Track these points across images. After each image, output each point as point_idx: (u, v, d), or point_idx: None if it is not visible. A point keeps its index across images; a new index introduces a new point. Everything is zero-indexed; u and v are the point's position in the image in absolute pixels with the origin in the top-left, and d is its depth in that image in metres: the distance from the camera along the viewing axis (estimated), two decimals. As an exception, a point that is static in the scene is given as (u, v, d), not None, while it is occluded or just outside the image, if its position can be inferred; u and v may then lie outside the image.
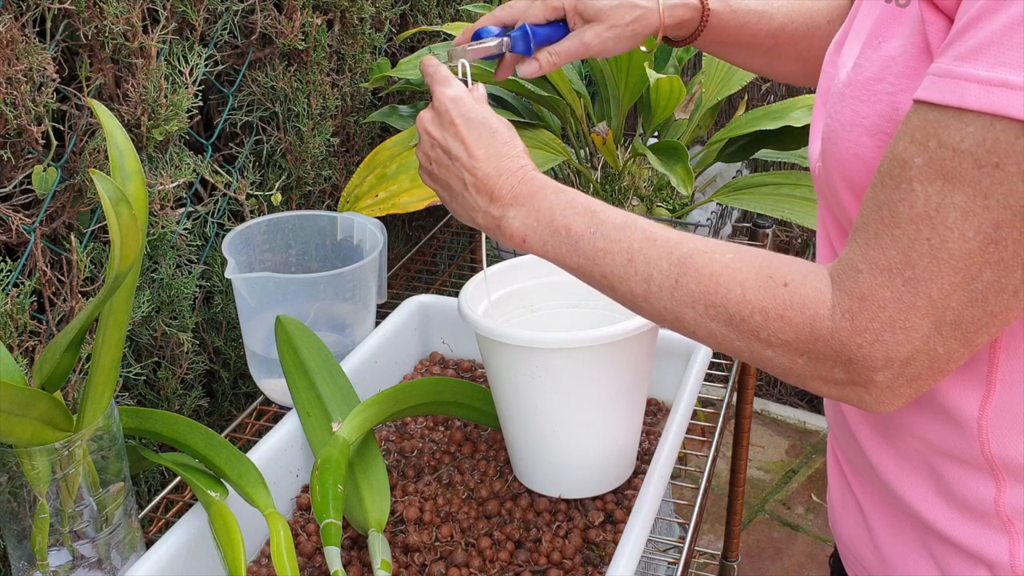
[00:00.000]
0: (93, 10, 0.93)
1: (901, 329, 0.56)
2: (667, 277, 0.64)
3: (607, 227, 0.67)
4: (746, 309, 0.61)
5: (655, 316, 0.66)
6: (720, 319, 0.62)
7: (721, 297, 0.62)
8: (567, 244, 0.69)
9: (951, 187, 0.53)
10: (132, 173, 0.76)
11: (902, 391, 0.59)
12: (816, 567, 2.16)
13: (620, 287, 0.67)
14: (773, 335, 0.60)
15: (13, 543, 0.78)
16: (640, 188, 1.43)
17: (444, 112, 0.74)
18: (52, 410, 0.73)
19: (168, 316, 1.09)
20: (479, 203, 0.73)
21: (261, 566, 0.89)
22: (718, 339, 0.63)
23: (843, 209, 0.66)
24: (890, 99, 0.61)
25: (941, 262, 0.54)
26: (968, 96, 0.52)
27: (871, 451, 0.72)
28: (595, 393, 0.88)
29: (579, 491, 0.94)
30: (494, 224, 0.72)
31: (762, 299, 0.60)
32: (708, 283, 0.62)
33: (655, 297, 0.65)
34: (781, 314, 0.60)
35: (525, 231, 0.70)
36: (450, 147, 0.74)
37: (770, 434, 2.59)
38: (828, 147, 0.65)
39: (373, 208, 1.28)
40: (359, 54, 1.36)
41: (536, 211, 0.70)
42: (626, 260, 0.66)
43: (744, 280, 0.61)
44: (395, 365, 1.14)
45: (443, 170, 0.74)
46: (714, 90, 1.43)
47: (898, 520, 0.72)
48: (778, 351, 0.61)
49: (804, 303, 0.59)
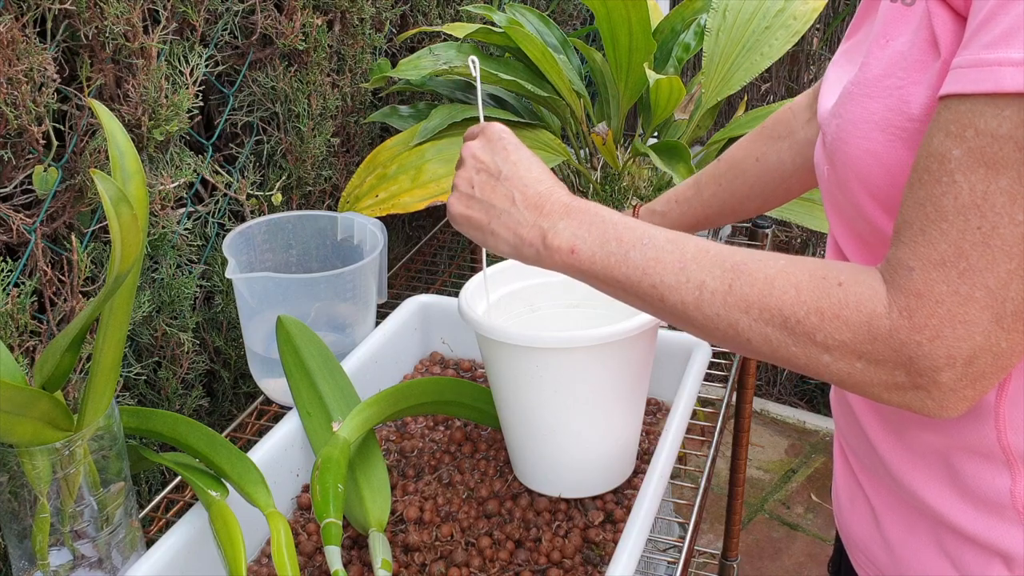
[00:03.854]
0: (93, 10, 0.93)
1: (961, 324, 0.55)
2: (720, 283, 0.63)
3: (658, 240, 0.67)
4: (801, 310, 0.60)
5: (707, 324, 0.64)
6: (775, 323, 0.61)
7: (776, 299, 0.61)
8: (617, 255, 0.68)
9: (994, 173, 0.53)
10: (133, 173, 0.76)
11: (966, 393, 0.57)
12: (816, 567, 2.16)
13: (670, 296, 0.65)
14: (830, 336, 0.59)
15: (14, 542, 0.78)
16: (640, 188, 1.44)
17: (497, 139, 0.76)
18: (53, 410, 0.73)
19: (169, 316, 1.10)
20: (526, 217, 0.72)
21: (261, 566, 0.89)
22: (774, 345, 0.62)
23: (859, 211, 0.66)
24: (899, 93, 0.61)
25: (994, 249, 0.53)
26: (1004, 80, 0.52)
27: (882, 447, 0.72)
28: (595, 393, 0.88)
29: (579, 491, 0.94)
30: (539, 236, 0.71)
31: (817, 299, 0.59)
32: (763, 286, 0.61)
33: (707, 304, 0.63)
34: (837, 313, 0.58)
35: (574, 240, 0.70)
36: (500, 168, 0.75)
37: (770, 434, 2.59)
38: (839, 147, 0.65)
39: (373, 208, 1.28)
40: (359, 54, 1.36)
41: (588, 223, 0.70)
42: (678, 268, 0.65)
43: (798, 282, 0.60)
44: (395, 365, 1.14)
45: (487, 191, 0.75)
46: (714, 90, 1.43)
47: (910, 516, 0.72)
48: (835, 355, 0.59)
49: (860, 301, 0.58)
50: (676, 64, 1.52)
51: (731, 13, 1.44)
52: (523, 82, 1.34)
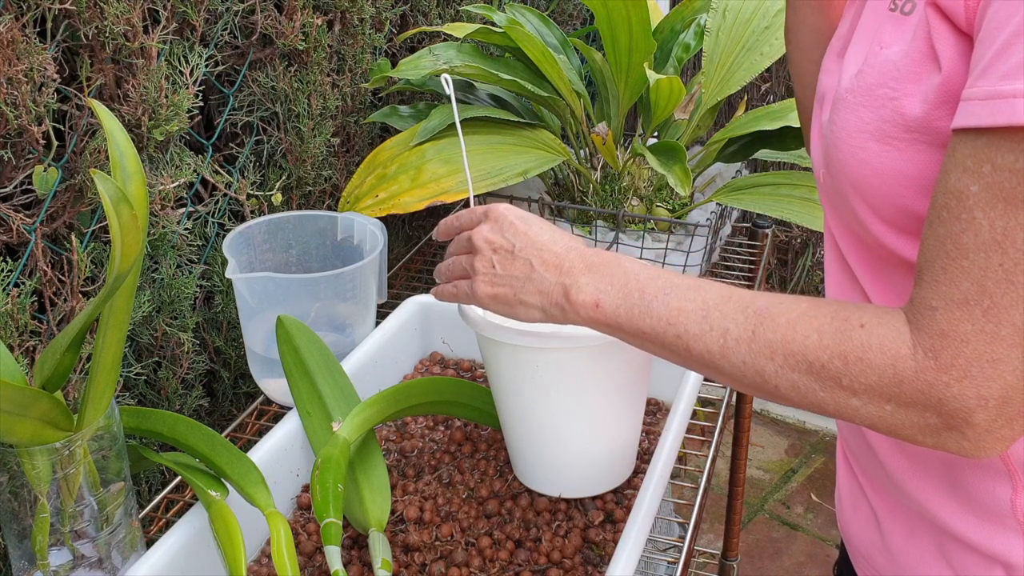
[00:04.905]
0: (93, 10, 0.93)
1: (989, 363, 0.54)
2: (744, 329, 0.62)
3: (680, 288, 0.67)
4: (824, 354, 0.59)
5: (735, 373, 0.64)
6: (800, 368, 0.60)
7: (799, 344, 0.60)
8: (640, 306, 0.68)
9: (1013, 208, 0.52)
10: (133, 173, 0.76)
11: (1003, 433, 0.56)
12: (816, 566, 2.16)
13: (696, 345, 0.65)
14: (855, 380, 0.58)
15: (14, 542, 0.78)
16: (640, 188, 1.44)
17: (503, 219, 0.77)
18: (53, 410, 0.73)
19: (168, 316, 1.10)
20: (547, 279, 0.73)
21: (261, 566, 0.89)
22: (802, 392, 0.61)
23: (855, 216, 0.66)
24: (893, 104, 0.60)
25: (1018, 285, 0.53)
26: (1021, 113, 0.51)
27: (885, 456, 0.72)
28: (595, 393, 0.88)
29: (579, 491, 0.94)
30: (563, 293, 0.72)
31: (839, 342, 0.58)
32: (785, 331, 0.61)
33: (732, 352, 0.63)
34: (860, 356, 0.58)
35: (598, 295, 0.70)
36: (514, 243, 0.76)
37: (770, 434, 2.59)
38: (833, 154, 0.65)
39: (373, 208, 1.28)
40: (359, 54, 1.36)
41: (610, 276, 0.70)
42: (701, 317, 0.64)
43: (820, 325, 0.60)
44: (395, 365, 1.14)
45: (508, 266, 0.76)
46: (714, 90, 1.43)
47: (912, 523, 0.72)
48: (864, 399, 0.58)
49: (883, 344, 0.57)
50: (676, 64, 1.52)
51: (731, 13, 1.44)
52: (523, 82, 1.34)
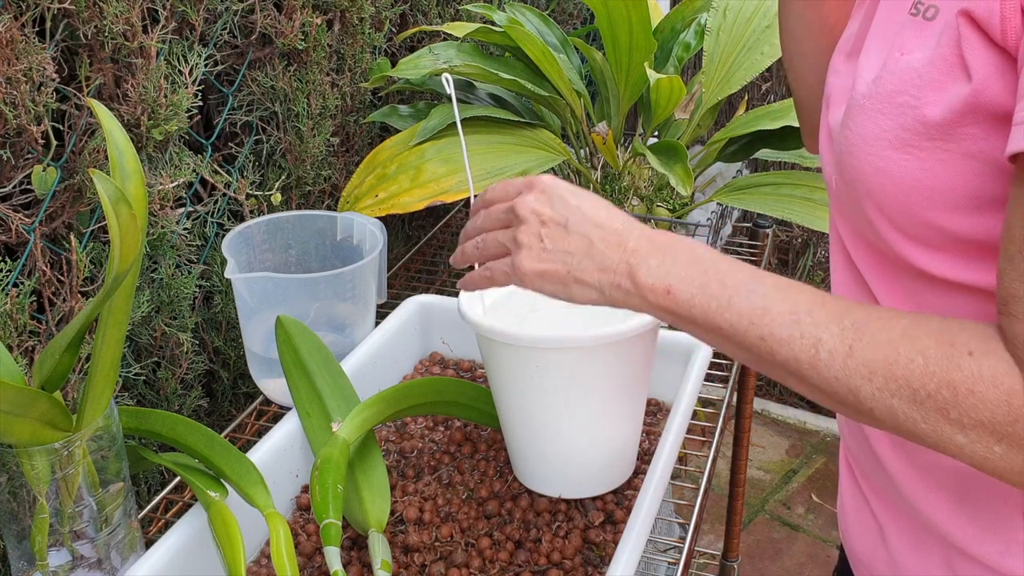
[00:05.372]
0: (93, 10, 0.93)
1: None
2: (839, 342, 0.57)
3: (766, 285, 0.61)
4: (931, 383, 0.54)
5: (824, 386, 0.58)
6: (902, 395, 0.55)
7: (903, 368, 0.54)
8: (720, 300, 0.62)
9: None
10: (132, 173, 0.76)
11: None
12: (816, 567, 2.16)
13: (781, 350, 0.59)
14: (965, 415, 0.53)
15: (13, 543, 0.78)
16: (640, 188, 1.43)
17: (551, 190, 0.70)
18: (52, 410, 0.73)
19: (168, 316, 1.09)
20: (610, 257, 0.67)
21: (261, 566, 0.89)
22: (899, 419, 0.56)
23: (869, 223, 0.64)
24: (914, 112, 0.58)
25: None
26: None
27: (892, 467, 0.71)
28: (595, 393, 0.88)
29: (579, 491, 0.94)
30: (627, 274, 0.66)
31: (947, 370, 0.53)
32: (887, 351, 0.55)
33: (824, 365, 0.57)
34: (971, 388, 0.53)
35: (669, 280, 0.64)
36: (567, 217, 0.69)
37: (770, 434, 2.59)
38: (847, 160, 0.63)
39: (373, 208, 1.28)
40: (359, 54, 1.36)
41: (684, 261, 0.64)
42: (791, 320, 0.59)
43: (925, 348, 0.54)
44: (395, 365, 1.14)
45: (560, 240, 0.69)
46: (714, 90, 1.43)
47: (919, 536, 0.71)
48: (971, 436, 0.53)
49: (995, 376, 0.52)
50: (676, 63, 1.51)
51: (731, 12, 1.44)
52: (523, 81, 1.34)
